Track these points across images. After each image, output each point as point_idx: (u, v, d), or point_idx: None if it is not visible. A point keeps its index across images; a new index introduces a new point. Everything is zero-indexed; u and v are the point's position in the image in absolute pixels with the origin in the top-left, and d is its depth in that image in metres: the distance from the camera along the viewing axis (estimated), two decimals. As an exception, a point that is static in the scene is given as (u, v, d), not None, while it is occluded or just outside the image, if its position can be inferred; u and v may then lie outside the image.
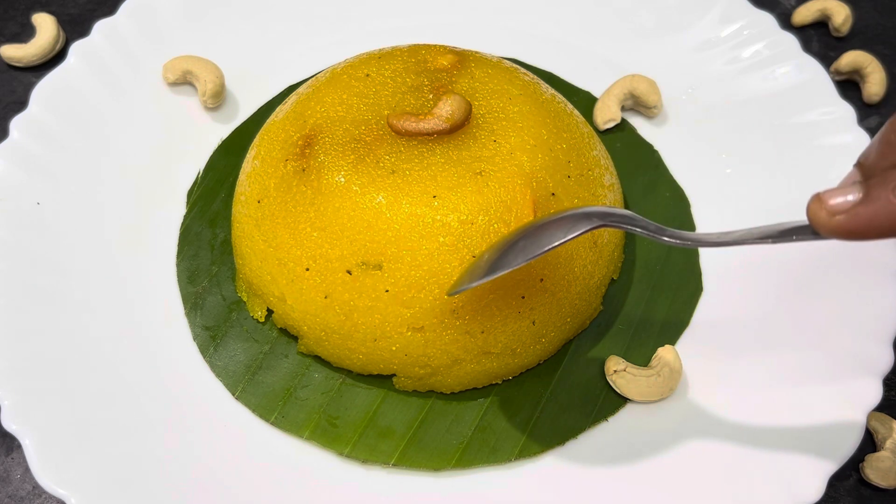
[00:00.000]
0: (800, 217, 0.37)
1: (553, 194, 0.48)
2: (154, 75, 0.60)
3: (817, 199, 0.34)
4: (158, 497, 0.44)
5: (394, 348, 0.47)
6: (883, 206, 0.32)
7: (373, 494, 0.46)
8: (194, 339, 0.51)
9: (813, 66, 0.60)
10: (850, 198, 0.33)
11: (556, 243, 0.39)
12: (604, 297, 0.53)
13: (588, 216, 0.40)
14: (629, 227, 0.40)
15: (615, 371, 0.48)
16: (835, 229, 0.34)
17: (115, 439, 0.46)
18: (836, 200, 0.33)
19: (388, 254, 0.45)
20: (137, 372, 0.49)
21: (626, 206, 0.57)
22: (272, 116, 0.54)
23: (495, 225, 0.46)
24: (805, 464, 0.45)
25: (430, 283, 0.45)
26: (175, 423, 0.47)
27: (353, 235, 0.46)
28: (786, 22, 0.69)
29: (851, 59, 0.64)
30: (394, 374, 0.49)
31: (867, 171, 0.35)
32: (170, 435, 0.47)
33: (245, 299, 0.52)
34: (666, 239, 0.39)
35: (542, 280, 0.47)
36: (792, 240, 0.36)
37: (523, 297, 0.47)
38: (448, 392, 0.49)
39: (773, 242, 0.37)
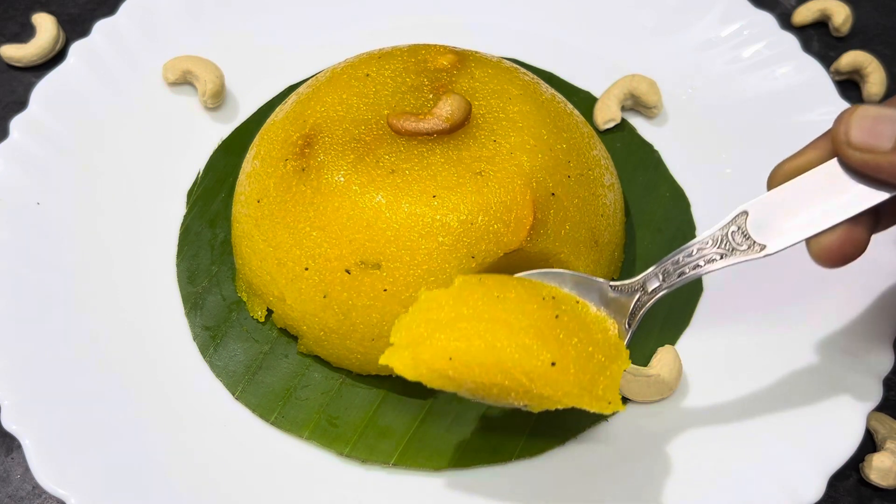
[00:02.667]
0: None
1: (553, 194, 0.48)
2: (154, 75, 0.60)
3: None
4: (158, 497, 0.44)
5: (390, 347, 0.47)
6: None
7: (373, 494, 0.46)
8: (194, 339, 0.51)
9: (813, 66, 0.60)
10: None
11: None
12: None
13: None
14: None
15: (615, 371, 0.48)
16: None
17: (114, 439, 0.45)
18: None
19: (387, 253, 0.45)
20: (137, 372, 0.49)
21: (626, 206, 0.57)
22: (272, 116, 0.54)
23: (495, 225, 0.46)
24: (805, 464, 0.45)
25: (428, 283, 0.45)
26: (175, 424, 0.47)
27: (351, 235, 0.46)
28: (786, 22, 0.69)
29: (851, 59, 0.64)
30: (391, 375, 0.49)
31: None
32: (170, 435, 0.47)
33: (245, 299, 0.52)
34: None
35: (557, 316, 0.42)
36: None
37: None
38: None
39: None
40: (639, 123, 0.61)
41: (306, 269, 0.47)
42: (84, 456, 0.44)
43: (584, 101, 0.61)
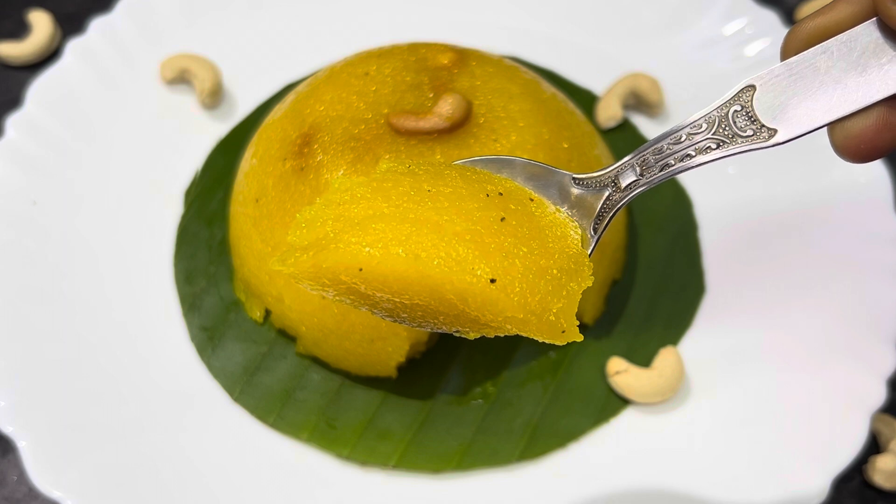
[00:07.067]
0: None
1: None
2: (151, 73, 0.60)
3: None
4: (155, 500, 0.44)
5: (389, 349, 0.46)
6: None
7: (372, 497, 0.45)
8: (192, 340, 0.50)
9: (816, 64, 0.59)
10: None
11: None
12: (606, 298, 0.52)
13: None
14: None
15: (617, 372, 0.48)
16: None
17: (111, 441, 0.45)
18: None
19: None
20: (134, 373, 0.48)
21: (628, 206, 0.56)
22: (270, 115, 0.54)
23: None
24: (809, 466, 0.44)
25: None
26: (172, 425, 0.47)
27: (351, 235, 0.45)
28: (790, 19, 0.68)
29: (855, 56, 0.64)
30: (390, 377, 0.48)
31: None
32: (167, 437, 0.46)
33: (243, 300, 0.52)
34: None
35: (503, 219, 0.36)
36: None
37: None
38: None
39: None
40: (641, 122, 0.61)
41: (305, 269, 0.47)
42: (80, 458, 0.44)
43: (585, 100, 0.61)
